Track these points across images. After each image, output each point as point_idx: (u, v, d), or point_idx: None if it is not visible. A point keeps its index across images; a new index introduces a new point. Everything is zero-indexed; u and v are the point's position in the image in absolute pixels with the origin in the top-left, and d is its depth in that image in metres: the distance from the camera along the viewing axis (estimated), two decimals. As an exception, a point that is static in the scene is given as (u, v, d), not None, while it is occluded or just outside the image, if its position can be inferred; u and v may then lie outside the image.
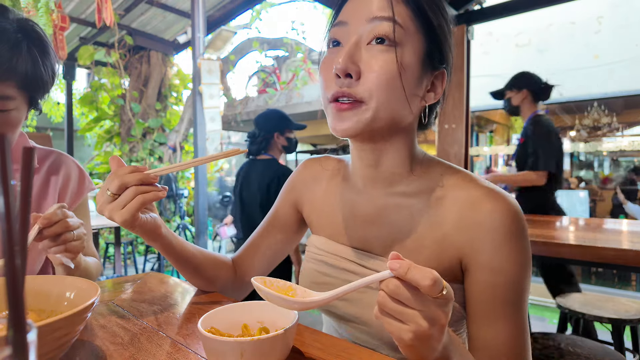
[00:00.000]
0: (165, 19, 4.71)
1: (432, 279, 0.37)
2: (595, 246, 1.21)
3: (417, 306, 0.38)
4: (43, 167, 0.85)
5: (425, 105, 0.56)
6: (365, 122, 0.51)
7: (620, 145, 6.09)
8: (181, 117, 5.45)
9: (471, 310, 0.54)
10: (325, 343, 0.52)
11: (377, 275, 0.40)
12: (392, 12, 0.51)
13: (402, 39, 0.51)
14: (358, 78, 0.51)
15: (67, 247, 0.66)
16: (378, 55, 0.51)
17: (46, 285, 0.53)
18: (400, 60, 0.50)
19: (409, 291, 0.38)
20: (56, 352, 0.41)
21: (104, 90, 5.22)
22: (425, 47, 0.53)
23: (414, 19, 0.52)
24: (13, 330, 0.17)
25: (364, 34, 0.52)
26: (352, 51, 0.51)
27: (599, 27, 5.34)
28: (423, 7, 0.52)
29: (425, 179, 0.58)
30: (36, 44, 0.71)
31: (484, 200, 0.53)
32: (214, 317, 0.49)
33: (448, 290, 0.39)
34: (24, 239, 0.19)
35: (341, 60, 0.50)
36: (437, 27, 0.53)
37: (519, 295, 0.52)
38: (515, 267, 0.51)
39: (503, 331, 0.51)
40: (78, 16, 4.38)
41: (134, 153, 5.23)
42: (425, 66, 0.53)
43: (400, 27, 0.51)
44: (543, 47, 5.79)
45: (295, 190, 0.75)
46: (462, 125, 2.91)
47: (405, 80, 0.51)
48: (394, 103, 0.51)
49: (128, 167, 0.56)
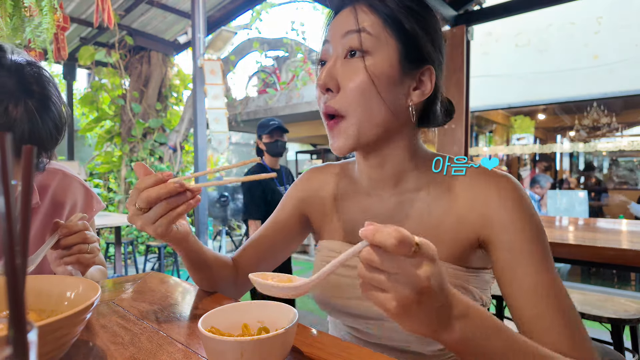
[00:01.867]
0: (166, 19, 4.71)
1: (397, 237, 0.34)
2: (594, 246, 1.21)
3: (392, 270, 0.36)
4: (46, 197, 0.81)
5: (412, 104, 0.57)
6: (354, 137, 0.55)
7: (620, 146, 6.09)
8: (181, 117, 5.45)
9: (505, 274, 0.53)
10: (325, 343, 0.52)
11: (354, 247, 0.39)
12: (357, 23, 0.54)
13: (373, 47, 0.54)
14: (338, 91, 0.55)
15: (79, 258, 0.66)
16: (351, 67, 0.54)
17: (47, 285, 0.53)
18: (372, 68, 0.53)
19: (380, 255, 0.36)
20: (57, 352, 0.42)
21: (105, 90, 5.22)
22: (400, 50, 0.54)
23: (385, 26, 0.54)
24: (14, 329, 0.17)
25: (340, 49, 0.56)
26: (331, 67, 0.55)
27: (599, 27, 5.35)
28: (393, 13, 0.55)
29: (431, 173, 0.60)
30: (36, 97, 0.61)
31: (486, 173, 0.57)
32: (214, 317, 0.49)
33: (423, 248, 0.36)
34: (24, 239, 0.19)
35: (322, 77, 0.55)
36: (410, 30, 0.54)
37: (542, 249, 0.52)
38: (529, 225, 0.53)
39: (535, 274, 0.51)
40: (78, 16, 4.39)
41: (134, 153, 5.23)
42: (405, 67, 0.55)
43: (369, 35, 0.54)
44: (543, 48, 5.79)
45: (303, 203, 0.74)
46: (462, 125, 2.91)
47: (381, 86, 0.53)
48: (375, 110, 0.54)
49: (151, 179, 0.53)
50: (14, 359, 0.17)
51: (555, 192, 4.60)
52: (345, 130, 0.55)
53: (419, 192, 0.61)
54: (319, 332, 0.56)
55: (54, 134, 0.64)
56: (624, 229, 1.64)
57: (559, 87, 5.73)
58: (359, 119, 0.54)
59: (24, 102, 0.59)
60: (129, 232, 5.18)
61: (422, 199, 0.60)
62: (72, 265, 0.66)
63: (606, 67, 5.28)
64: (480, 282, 0.59)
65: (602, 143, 6.61)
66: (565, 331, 0.49)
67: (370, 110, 0.54)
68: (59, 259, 0.66)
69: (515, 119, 7.72)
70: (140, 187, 0.53)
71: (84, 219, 0.68)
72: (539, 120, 7.79)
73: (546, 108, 7.00)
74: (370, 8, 0.56)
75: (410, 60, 0.55)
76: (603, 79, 5.34)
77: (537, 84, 5.86)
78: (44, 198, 0.80)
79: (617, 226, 1.75)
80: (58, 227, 0.65)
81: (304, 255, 5.64)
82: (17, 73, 0.60)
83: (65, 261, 0.65)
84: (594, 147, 6.25)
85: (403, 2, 0.56)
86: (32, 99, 0.60)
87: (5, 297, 0.18)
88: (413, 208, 0.60)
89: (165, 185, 0.53)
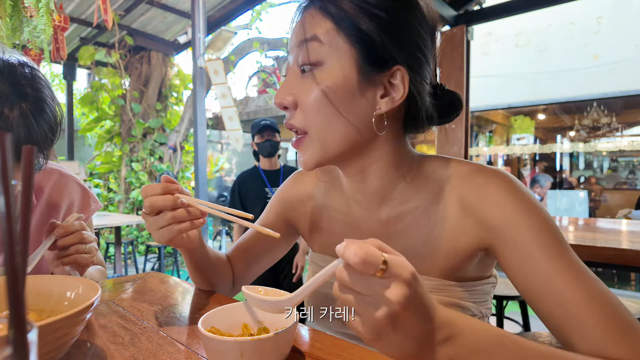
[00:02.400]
0: (166, 19, 4.71)
1: (360, 256, 0.30)
2: (594, 246, 1.21)
3: (363, 290, 0.32)
4: (42, 197, 0.80)
5: (382, 112, 0.50)
6: (319, 153, 0.52)
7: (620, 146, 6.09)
8: (181, 117, 5.45)
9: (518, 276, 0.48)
10: (325, 343, 0.52)
11: (332, 264, 0.35)
12: (304, 32, 0.50)
13: (325, 57, 0.49)
14: (295, 108, 0.52)
15: (76, 259, 0.66)
16: (305, 81, 0.50)
17: (47, 285, 0.53)
18: (325, 82, 0.49)
19: (350, 275, 0.32)
20: (57, 352, 0.42)
21: (105, 90, 5.23)
22: (357, 55, 0.49)
23: (339, 30, 0.48)
24: (14, 329, 0.17)
25: (294, 58, 0.52)
26: (287, 83, 0.52)
27: (599, 27, 5.35)
28: (345, 15, 0.48)
29: (420, 181, 0.56)
30: (30, 100, 0.60)
31: (475, 173, 0.53)
32: (214, 317, 0.49)
33: (392, 267, 0.31)
34: (24, 239, 0.19)
35: (277, 94, 0.52)
36: (367, 29, 0.48)
37: (555, 239, 0.46)
38: (531, 218, 0.48)
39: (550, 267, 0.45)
40: (78, 16, 4.39)
41: (134, 153, 5.23)
42: (366, 74, 0.49)
43: (320, 44, 0.49)
44: (543, 48, 5.79)
45: (287, 206, 0.72)
46: (462, 125, 2.92)
47: (336, 100, 0.49)
48: (335, 126, 0.50)
49: (158, 187, 0.54)
50: (14, 358, 0.17)
51: (555, 192, 4.59)
52: (310, 146, 0.52)
53: (408, 203, 0.56)
54: (319, 332, 0.56)
55: (49, 136, 0.63)
56: (624, 229, 1.64)
57: (559, 87, 5.72)
58: (319, 135, 0.51)
59: (19, 105, 0.58)
60: (129, 232, 5.18)
61: (413, 211, 0.55)
62: (69, 265, 0.66)
63: (606, 67, 5.28)
64: (478, 295, 0.55)
65: (602, 143, 6.61)
66: (603, 324, 0.42)
67: (330, 126, 0.50)
68: (57, 259, 0.66)
69: (515, 119, 7.72)
70: (145, 193, 0.54)
71: (80, 219, 0.68)
72: (539, 120, 7.79)
73: (546, 108, 7.00)
74: (322, 12, 0.50)
75: (372, 64, 0.49)
76: (603, 79, 5.34)
77: (537, 84, 5.86)
78: (40, 198, 0.80)
79: (617, 226, 1.75)
80: (55, 227, 0.65)
81: (304, 255, 5.63)
82: (10, 75, 0.59)
83: (62, 262, 0.65)
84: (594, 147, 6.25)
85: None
86: (26, 102, 0.59)
87: (5, 297, 0.18)
88: (403, 222, 0.56)
89: (170, 199, 0.53)
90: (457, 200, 0.53)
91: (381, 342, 0.34)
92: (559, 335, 0.45)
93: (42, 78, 0.64)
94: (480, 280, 0.56)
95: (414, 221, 0.56)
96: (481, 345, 0.37)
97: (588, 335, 0.42)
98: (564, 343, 0.45)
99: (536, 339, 1.18)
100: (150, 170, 5.22)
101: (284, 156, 11.81)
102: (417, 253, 0.55)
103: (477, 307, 0.55)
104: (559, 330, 0.45)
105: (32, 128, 0.60)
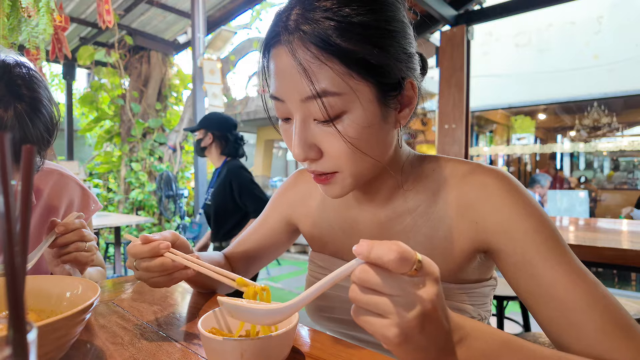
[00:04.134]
0: (165, 19, 4.71)
1: (398, 251, 0.30)
2: (595, 246, 1.21)
3: (392, 291, 0.31)
4: (42, 197, 0.80)
5: (403, 125, 0.50)
6: (351, 185, 0.50)
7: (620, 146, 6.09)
8: (181, 117, 5.45)
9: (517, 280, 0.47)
10: (325, 343, 0.52)
11: (345, 265, 0.34)
12: (314, 87, 0.43)
13: (344, 106, 0.44)
14: (320, 156, 0.48)
15: (77, 256, 0.66)
16: (325, 131, 0.46)
17: (46, 286, 0.53)
18: (351, 131, 0.45)
19: (378, 274, 0.31)
20: (56, 352, 0.41)
21: (104, 90, 5.22)
22: (376, 88, 0.45)
23: (350, 71, 0.43)
24: (13, 330, 0.17)
25: (304, 113, 0.46)
26: (302, 135, 0.46)
27: (599, 27, 5.35)
28: (348, 50, 0.42)
29: (420, 181, 0.56)
30: (26, 101, 0.59)
31: (473, 174, 0.52)
32: (214, 317, 0.49)
33: (425, 265, 0.32)
34: (24, 239, 0.19)
35: (296, 151, 0.46)
36: (377, 62, 0.44)
37: (554, 242, 0.45)
38: (529, 219, 0.46)
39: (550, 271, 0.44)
40: (78, 16, 4.39)
41: (134, 153, 5.23)
42: (386, 101, 0.47)
43: (335, 96, 0.43)
44: (543, 47, 5.79)
45: (288, 205, 0.72)
46: (462, 125, 2.91)
47: (366, 140, 0.46)
48: (367, 161, 0.48)
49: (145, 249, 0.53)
50: (13, 359, 0.17)
51: (555, 192, 4.59)
52: (341, 182, 0.49)
53: (408, 204, 0.56)
54: (319, 332, 0.56)
55: (45, 137, 0.63)
56: (624, 229, 1.64)
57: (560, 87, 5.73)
58: (352, 172, 0.48)
59: (14, 106, 0.58)
60: (129, 232, 5.18)
61: (410, 211, 0.55)
62: (70, 263, 0.66)
63: (607, 67, 5.28)
64: (476, 297, 0.55)
65: (602, 143, 6.60)
66: (604, 330, 0.41)
67: (363, 162, 0.48)
68: (57, 258, 0.66)
69: (516, 119, 7.72)
70: (135, 255, 0.54)
71: (80, 217, 0.68)
72: (540, 120, 7.79)
73: (546, 108, 7.00)
74: (319, 51, 0.42)
75: (389, 90, 0.46)
76: (603, 79, 5.34)
77: (537, 83, 5.86)
78: (40, 198, 0.80)
79: (617, 226, 1.75)
80: (55, 225, 0.65)
81: (304, 255, 5.63)
82: (6, 75, 0.59)
83: (63, 259, 0.65)
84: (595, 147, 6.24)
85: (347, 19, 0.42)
86: (22, 103, 0.59)
87: (5, 298, 0.18)
88: (402, 223, 0.56)
89: (162, 263, 0.53)
90: (455, 200, 0.52)
91: (406, 345, 0.32)
92: (559, 341, 0.44)
93: (38, 78, 0.63)
94: (480, 282, 0.56)
95: (412, 222, 0.55)
96: (491, 348, 0.37)
97: (589, 342, 0.41)
98: (564, 349, 0.44)
99: (536, 339, 1.18)
100: (150, 170, 5.22)
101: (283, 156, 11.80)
102: None
103: (475, 310, 0.55)
104: (559, 337, 0.44)
105: (27, 129, 0.59)
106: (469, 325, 0.37)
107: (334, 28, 0.42)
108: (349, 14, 0.43)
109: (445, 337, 0.34)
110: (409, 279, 0.31)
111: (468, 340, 0.36)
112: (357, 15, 0.43)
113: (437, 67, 3.10)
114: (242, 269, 0.76)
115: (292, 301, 0.38)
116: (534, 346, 0.39)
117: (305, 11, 0.44)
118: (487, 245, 0.50)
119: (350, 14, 0.43)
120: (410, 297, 0.31)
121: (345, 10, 0.43)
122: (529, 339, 1.20)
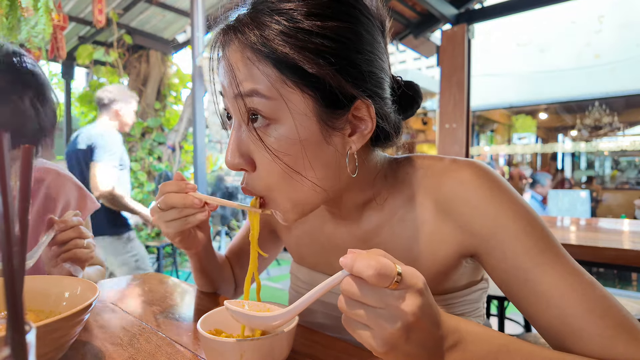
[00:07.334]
0: (165, 18, 4.71)
1: (376, 268, 0.30)
2: (595, 246, 1.20)
3: (375, 304, 0.32)
4: (39, 196, 0.80)
5: (354, 150, 0.45)
6: (294, 212, 0.46)
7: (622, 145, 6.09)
8: (180, 117, 5.45)
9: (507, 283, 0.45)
10: (325, 343, 0.52)
11: (335, 275, 0.35)
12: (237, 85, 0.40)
13: (273, 114, 0.41)
14: (254, 168, 0.45)
15: (76, 253, 0.66)
16: (257, 146, 0.43)
17: (45, 286, 0.52)
18: (282, 145, 0.41)
19: (360, 288, 0.32)
20: (55, 352, 0.41)
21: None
22: (315, 101, 0.41)
23: (284, 79, 0.40)
24: (12, 330, 0.17)
25: (235, 113, 0.44)
26: (237, 140, 0.44)
27: (600, 26, 5.34)
28: (284, 56, 0.39)
29: (395, 188, 0.52)
30: (40, 90, 0.65)
31: (448, 171, 0.48)
32: (214, 318, 0.49)
33: (406, 277, 0.32)
34: (22, 239, 0.19)
35: (229, 157, 0.44)
36: (317, 73, 0.40)
37: (545, 244, 0.43)
38: (513, 217, 0.44)
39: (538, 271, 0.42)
40: (77, 15, 4.39)
41: (132, 152, 5.23)
42: (329, 118, 0.42)
43: (262, 99, 0.40)
44: (544, 47, 5.79)
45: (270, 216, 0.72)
46: (463, 124, 2.91)
47: (301, 155, 0.42)
48: (304, 185, 0.44)
49: (174, 185, 0.54)
50: (13, 359, 0.17)
51: (556, 192, 4.59)
52: (281, 207, 0.46)
53: (384, 213, 0.52)
54: (319, 332, 0.56)
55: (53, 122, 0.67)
56: (625, 229, 1.64)
57: (561, 87, 5.72)
58: (289, 197, 0.45)
59: (30, 99, 0.62)
60: (129, 232, 5.17)
61: (388, 220, 0.52)
62: (69, 261, 0.66)
63: (608, 67, 5.28)
64: (466, 305, 0.53)
65: (603, 142, 6.60)
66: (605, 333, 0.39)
67: (297, 185, 0.44)
68: (55, 257, 0.65)
69: (517, 119, 7.72)
70: (163, 190, 0.55)
71: (77, 215, 0.68)
72: (541, 119, 7.79)
73: (548, 107, 7.00)
74: (252, 51, 0.40)
75: (331, 107, 0.42)
76: (605, 78, 5.34)
77: (538, 83, 5.86)
78: (36, 197, 0.80)
79: (618, 226, 1.75)
80: (53, 223, 0.65)
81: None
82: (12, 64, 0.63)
83: (62, 257, 0.65)
84: (596, 146, 6.24)
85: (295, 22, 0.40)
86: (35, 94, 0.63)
87: (3, 298, 0.18)
88: (381, 235, 0.53)
89: (186, 197, 0.53)
90: (432, 203, 0.49)
91: (393, 354, 0.33)
92: (562, 348, 0.42)
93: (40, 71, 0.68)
94: (470, 287, 0.54)
95: (390, 232, 0.52)
96: (487, 351, 0.37)
97: (592, 347, 0.40)
98: (550, 342, 0.43)
99: (537, 340, 1.17)
100: (149, 170, 5.22)
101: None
102: None
103: (467, 318, 0.53)
104: (561, 343, 0.42)
105: (41, 118, 0.64)
106: (464, 329, 0.36)
107: (276, 30, 0.40)
108: (296, 18, 0.40)
109: (435, 343, 0.34)
110: (390, 292, 0.32)
111: (463, 344, 0.36)
112: (306, 20, 0.40)
113: (438, 66, 3.10)
114: (241, 273, 0.76)
115: (291, 306, 0.39)
116: (534, 347, 0.39)
117: (252, 8, 0.43)
118: (473, 249, 0.47)
119: (297, 18, 0.40)
120: (391, 310, 0.31)
121: (293, 14, 0.41)
122: (530, 339, 1.20)
